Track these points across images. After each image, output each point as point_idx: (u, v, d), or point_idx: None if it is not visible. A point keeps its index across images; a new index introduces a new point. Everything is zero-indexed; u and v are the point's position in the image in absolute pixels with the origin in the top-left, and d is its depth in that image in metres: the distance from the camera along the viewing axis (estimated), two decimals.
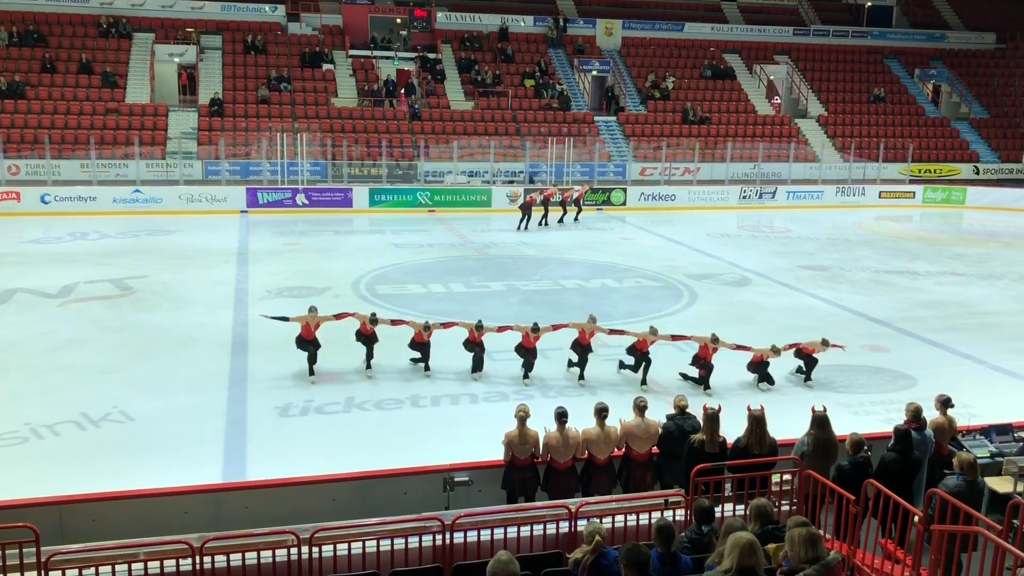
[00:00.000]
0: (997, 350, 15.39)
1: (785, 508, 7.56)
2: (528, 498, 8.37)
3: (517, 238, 25.55)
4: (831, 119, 37.86)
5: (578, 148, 32.82)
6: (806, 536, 5.01)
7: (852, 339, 15.90)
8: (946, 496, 6.45)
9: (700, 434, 8.24)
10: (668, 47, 39.64)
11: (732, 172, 33.43)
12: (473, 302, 18.00)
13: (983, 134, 38.49)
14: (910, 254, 24.47)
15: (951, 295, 19.61)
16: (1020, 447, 9.34)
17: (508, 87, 35.56)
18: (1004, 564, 5.80)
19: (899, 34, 42.72)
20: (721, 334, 13.46)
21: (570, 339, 13.70)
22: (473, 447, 10.30)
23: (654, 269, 21.45)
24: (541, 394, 12.64)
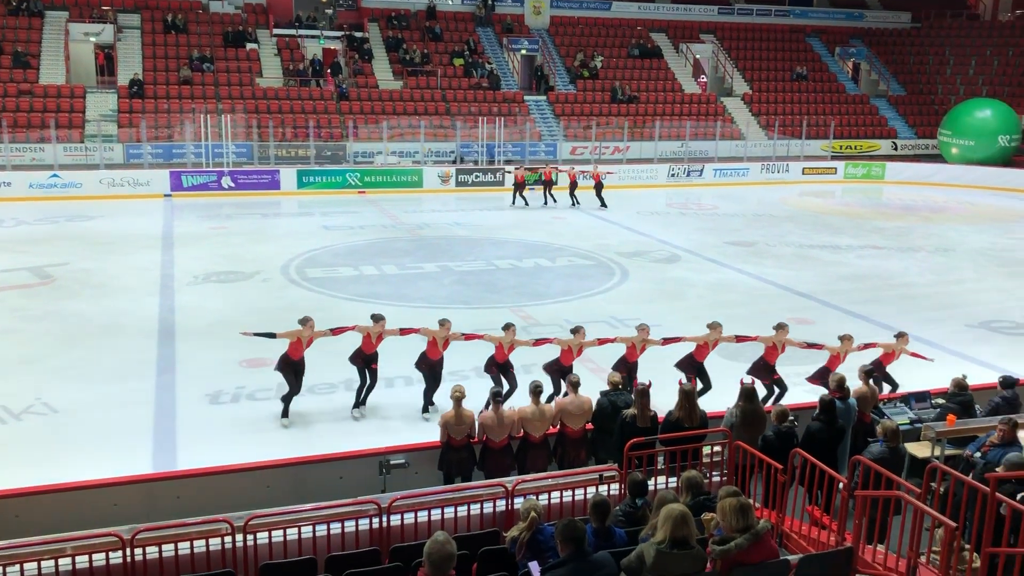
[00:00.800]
0: (915, 320, 15.94)
1: (716, 479, 7.75)
2: (465, 478, 8.41)
3: (451, 219, 25.46)
4: (755, 97, 38.53)
5: (509, 127, 32.80)
6: (737, 506, 5.14)
7: (778, 313, 16.25)
8: (869, 463, 6.68)
9: (632, 409, 8.36)
10: (596, 26, 39.78)
11: (661, 151, 33.81)
12: (406, 284, 17.92)
13: (900, 111, 39.64)
14: (833, 229, 25.13)
15: (872, 268, 20.22)
16: (937, 413, 9.72)
17: (437, 66, 35.28)
18: (923, 525, 6.05)
19: (820, 13, 43.61)
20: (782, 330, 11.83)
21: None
22: (409, 429, 10.31)
23: (586, 248, 21.63)
24: (477, 375, 12.65)
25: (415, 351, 11.45)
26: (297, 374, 11.05)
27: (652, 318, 15.56)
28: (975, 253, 22.09)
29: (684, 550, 4.89)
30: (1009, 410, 9.34)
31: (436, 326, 11.25)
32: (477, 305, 16.55)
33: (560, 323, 15.29)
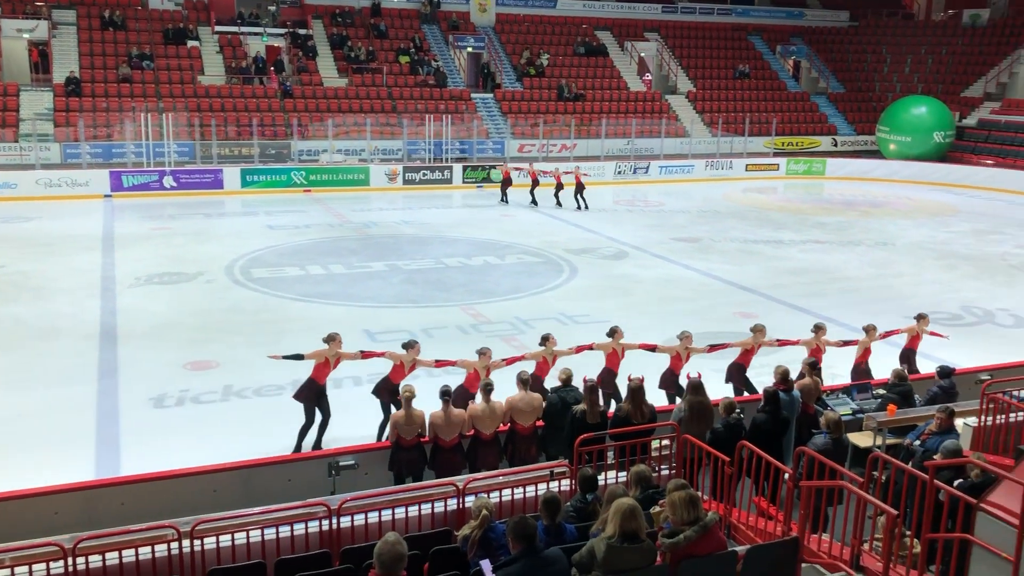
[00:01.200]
0: (856, 313, 16.28)
1: (665, 473, 7.84)
2: (416, 478, 8.37)
3: (399, 217, 25.32)
4: (699, 95, 39.00)
5: (456, 125, 32.72)
6: (686, 498, 5.20)
7: (723, 307, 16.55)
8: (814, 454, 6.81)
9: (582, 405, 8.41)
10: (542, 24, 39.89)
11: (607, 148, 34.03)
12: (354, 283, 17.79)
13: (840, 108, 40.46)
14: (775, 224, 25.57)
15: (814, 262, 20.62)
16: (878, 403, 9.95)
17: (382, 64, 35.05)
18: (866, 514, 6.19)
19: (761, 11, 44.30)
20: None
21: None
22: (359, 430, 10.23)
23: (535, 245, 21.69)
24: (426, 374, 12.60)
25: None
26: (321, 402, 10.01)
27: (601, 314, 15.74)
28: (913, 247, 22.66)
29: (634, 544, 4.93)
30: (946, 399, 9.61)
31: (473, 355, 10.20)
32: (426, 304, 16.50)
33: (510, 320, 15.34)
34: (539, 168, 28.46)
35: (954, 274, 19.67)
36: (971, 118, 37.45)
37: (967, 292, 17.91)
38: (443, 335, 14.54)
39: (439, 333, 14.63)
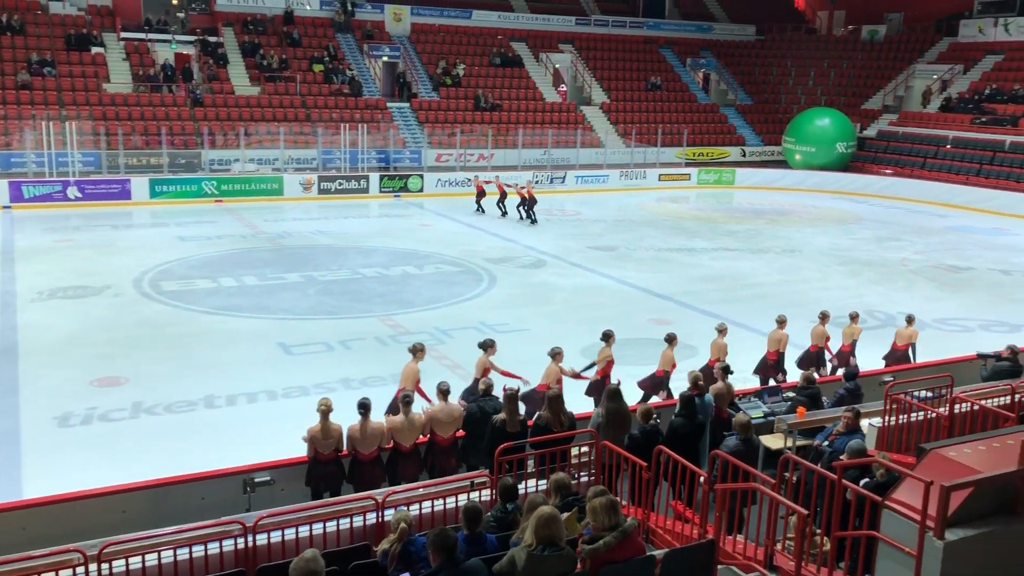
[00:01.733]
0: (766, 318, 16.70)
1: (584, 479, 7.90)
2: (333, 493, 8.25)
3: (314, 227, 24.96)
4: (613, 106, 39.61)
5: (372, 134, 32.47)
6: (606, 504, 5.25)
7: (639, 314, 16.82)
8: (726, 456, 6.97)
9: (502, 415, 8.42)
10: (457, 34, 39.95)
11: (524, 158, 34.26)
12: (268, 295, 17.45)
13: (748, 119, 41.63)
14: (688, 232, 26.13)
15: (725, 269, 21.13)
16: (788, 406, 10.24)
17: (296, 72, 34.55)
18: (779, 514, 6.36)
19: (671, 25, 45.28)
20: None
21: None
22: (274, 445, 10.01)
23: (454, 254, 21.67)
24: (344, 386, 12.46)
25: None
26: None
27: (520, 323, 15.83)
28: (818, 253, 23.43)
29: (554, 551, 4.95)
30: (852, 400, 9.96)
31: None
32: (343, 315, 16.29)
33: (430, 330, 15.27)
34: (504, 181, 28.49)
35: (858, 279, 20.40)
36: (871, 129, 39.01)
37: (870, 297, 18.59)
38: (361, 347, 14.39)
39: (357, 345, 14.48)
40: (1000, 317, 17.08)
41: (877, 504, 5.52)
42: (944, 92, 38.53)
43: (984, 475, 5.22)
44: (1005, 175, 32.21)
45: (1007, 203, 30.34)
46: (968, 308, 17.95)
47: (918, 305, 16.98)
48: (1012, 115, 34.44)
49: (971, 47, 39.89)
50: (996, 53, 38.67)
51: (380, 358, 13.81)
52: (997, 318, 17.01)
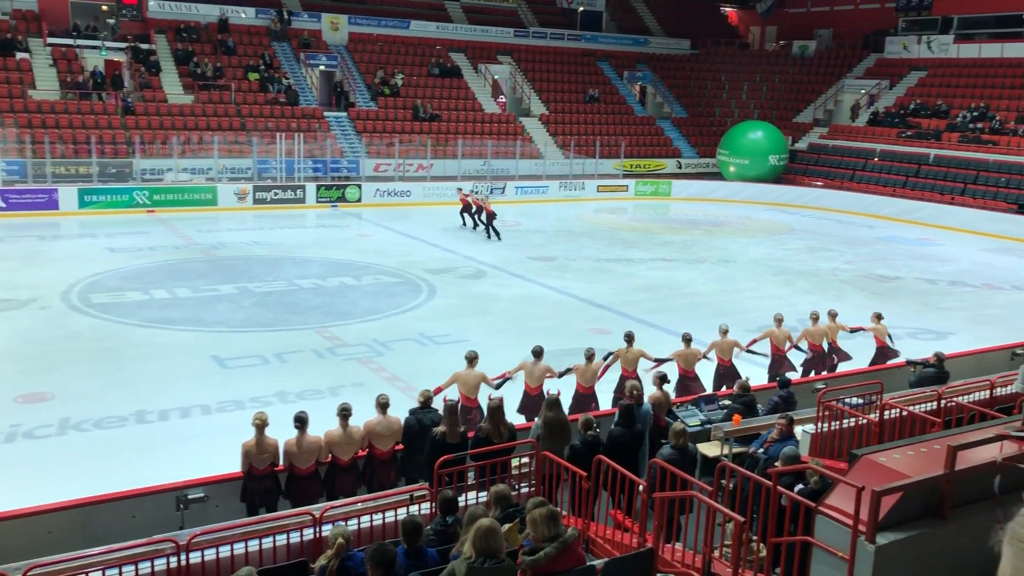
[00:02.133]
0: (702, 327, 16.95)
1: (525, 490, 7.89)
2: (269, 508, 8.10)
3: (249, 238, 24.56)
4: (552, 118, 39.89)
5: (309, 144, 32.13)
6: (546, 515, 5.25)
7: (579, 324, 16.92)
8: (663, 464, 7.03)
9: (441, 426, 8.38)
10: (395, 44, 39.82)
11: (464, 168, 34.25)
12: (201, 307, 17.10)
13: (683, 132, 42.30)
14: (626, 243, 26.40)
15: (662, 279, 21.39)
16: (724, 414, 10.40)
17: (231, 80, 34.02)
18: (716, 521, 6.43)
19: (608, 38, 45.83)
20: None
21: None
22: (208, 461, 9.80)
23: (392, 265, 21.52)
24: (280, 400, 12.26)
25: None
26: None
27: (460, 334, 15.78)
28: (752, 263, 23.87)
29: (494, 563, 4.93)
30: (786, 408, 10.15)
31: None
32: (279, 327, 16.04)
33: (368, 342, 15.14)
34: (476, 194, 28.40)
35: (790, 289, 20.83)
36: (802, 142, 39.97)
37: (803, 306, 18.95)
38: (297, 359, 14.19)
39: (293, 357, 14.28)
40: (926, 325, 17.61)
41: (811, 510, 5.62)
42: (872, 106, 39.70)
43: (912, 479, 5.36)
44: (930, 187, 33.29)
45: (932, 214, 31.35)
46: (896, 316, 18.43)
47: (849, 313, 17.37)
48: (936, 129, 35.64)
49: (897, 63, 41.21)
50: (920, 69, 40.01)
51: (317, 371, 13.64)
52: (923, 326, 17.53)
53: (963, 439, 5.79)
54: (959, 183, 32.69)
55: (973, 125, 34.77)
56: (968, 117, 35.34)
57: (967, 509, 5.50)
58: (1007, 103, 35.28)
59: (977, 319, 18.28)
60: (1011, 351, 13.74)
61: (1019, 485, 5.14)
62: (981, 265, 24.48)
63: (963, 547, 5.45)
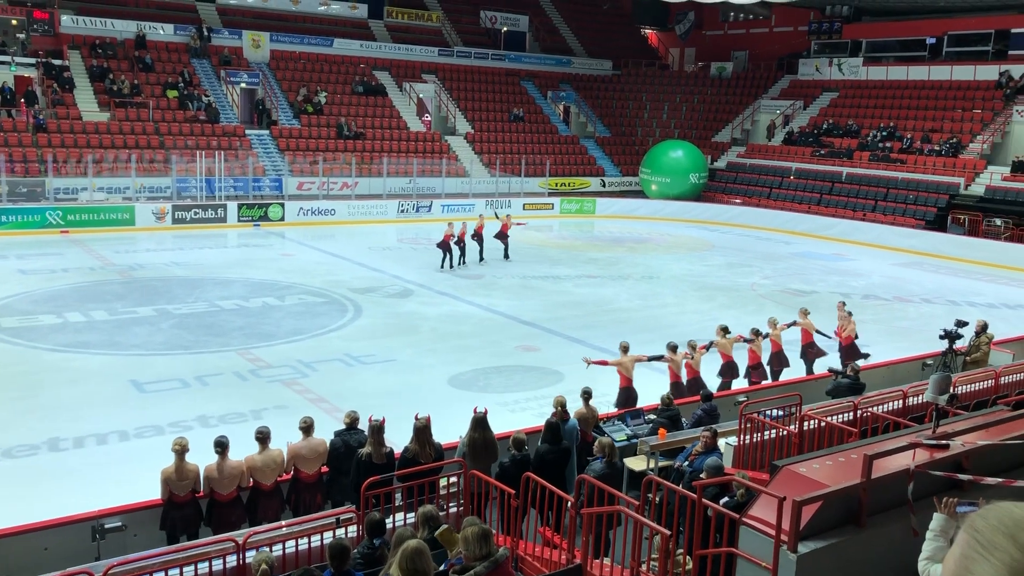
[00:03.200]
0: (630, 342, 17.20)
1: (453, 510, 7.85)
2: (191, 536, 7.87)
3: (168, 258, 23.95)
4: (478, 136, 40.04)
5: (230, 162, 31.57)
6: (478, 533, 5.23)
7: (507, 341, 16.96)
8: (591, 480, 7.08)
9: (367, 448, 8.28)
10: (319, 62, 39.49)
11: (389, 187, 34.10)
12: (119, 330, 16.58)
13: (607, 151, 42.92)
14: (552, 260, 26.59)
15: (588, 295, 21.60)
16: (650, 428, 10.53)
17: (149, 98, 33.24)
18: (643, 535, 6.49)
19: (532, 58, 46.30)
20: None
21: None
22: (126, 488, 9.49)
23: (317, 284, 21.24)
24: (201, 424, 11.96)
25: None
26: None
27: (386, 353, 15.66)
28: (675, 279, 24.30)
29: None
30: (710, 421, 10.33)
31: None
32: (200, 350, 15.66)
33: (292, 364, 14.89)
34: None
35: (712, 304, 21.26)
36: (721, 161, 40.96)
37: (723, 320, 19.35)
38: (219, 382, 13.87)
39: (215, 380, 13.95)
40: None
41: (735, 521, 5.72)
42: (787, 126, 40.93)
43: (831, 489, 5.50)
44: (843, 204, 34.43)
45: (845, 230, 32.43)
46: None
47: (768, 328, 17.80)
48: (848, 148, 36.92)
49: (810, 84, 42.62)
50: (832, 90, 41.45)
51: (239, 393, 13.36)
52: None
53: (878, 448, 5.98)
54: (870, 200, 33.90)
55: (882, 144, 36.14)
56: (878, 136, 36.73)
57: (883, 516, 5.67)
58: (913, 123, 36.80)
59: (889, 331, 18.94)
60: (922, 362, 14.25)
61: (931, 491, 5.33)
62: (892, 279, 25.39)
63: (880, 554, 5.62)
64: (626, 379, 12.45)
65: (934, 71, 38.54)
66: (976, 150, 33.57)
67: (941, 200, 32.05)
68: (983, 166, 32.72)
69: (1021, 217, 29.51)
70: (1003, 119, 34.11)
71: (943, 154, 33.87)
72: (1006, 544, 1.16)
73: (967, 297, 22.82)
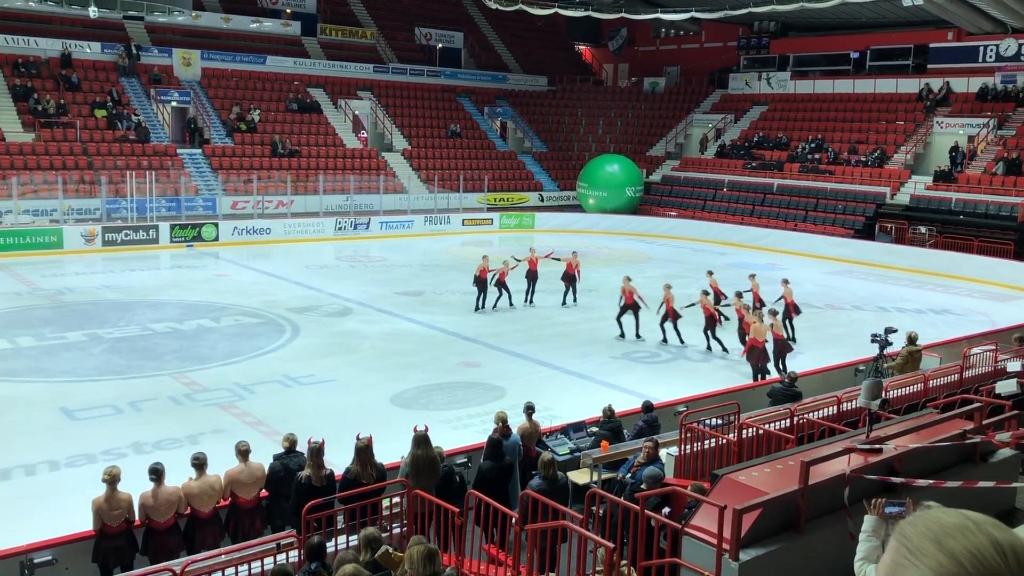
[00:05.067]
0: (569, 356, 17.31)
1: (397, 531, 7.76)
2: (125, 568, 7.63)
3: (98, 281, 23.32)
4: (415, 152, 39.96)
5: (161, 182, 30.94)
6: (424, 553, 5.19)
7: (449, 357, 16.89)
8: (534, 495, 7.08)
9: (306, 470, 8.15)
10: (251, 79, 39.00)
11: (326, 204, 33.77)
12: (47, 356, 16.07)
13: (544, 165, 43.21)
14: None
15: (529, 310, 21.63)
16: (592, 441, 10.58)
17: (76, 117, 32.42)
18: (587, 549, 6.50)
19: (468, 75, 46.45)
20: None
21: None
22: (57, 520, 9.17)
23: (253, 305, 20.89)
24: (135, 451, 11.64)
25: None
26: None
27: (327, 373, 15.47)
28: (614, 292, 24.38)
29: None
30: (651, 432, 10.42)
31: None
32: (133, 375, 15.26)
33: (228, 386, 14.61)
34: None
35: (650, 316, 21.44)
36: (656, 174, 41.54)
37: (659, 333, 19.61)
38: (153, 407, 13.53)
39: (148, 406, 13.60)
40: None
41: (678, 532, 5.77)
42: (719, 139, 41.73)
43: (770, 496, 5.59)
44: (775, 215, 35.19)
45: (778, 240, 33.13)
46: None
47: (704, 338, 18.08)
48: (778, 160, 37.78)
49: (740, 98, 43.55)
50: (761, 104, 42.41)
51: (175, 418, 13.04)
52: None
53: (815, 454, 6.10)
54: (801, 210, 34.71)
55: (811, 156, 37.07)
56: (806, 148, 37.67)
57: (821, 521, 5.78)
58: (839, 135, 37.85)
59: (823, 338, 19.37)
60: (855, 367, 14.60)
61: (867, 495, 5.45)
62: (824, 287, 25.99)
63: (819, 558, 5.72)
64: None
65: (858, 84, 39.74)
66: (900, 160, 34.65)
67: (869, 209, 32.98)
68: (907, 176, 33.78)
69: (945, 225, 30.51)
70: (925, 130, 35.29)
71: (869, 164, 34.88)
72: (933, 550, 1.18)
73: (895, 303, 23.48)
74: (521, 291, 22.15)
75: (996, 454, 7.25)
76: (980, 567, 1.15)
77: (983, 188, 30.65)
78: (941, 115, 35.17)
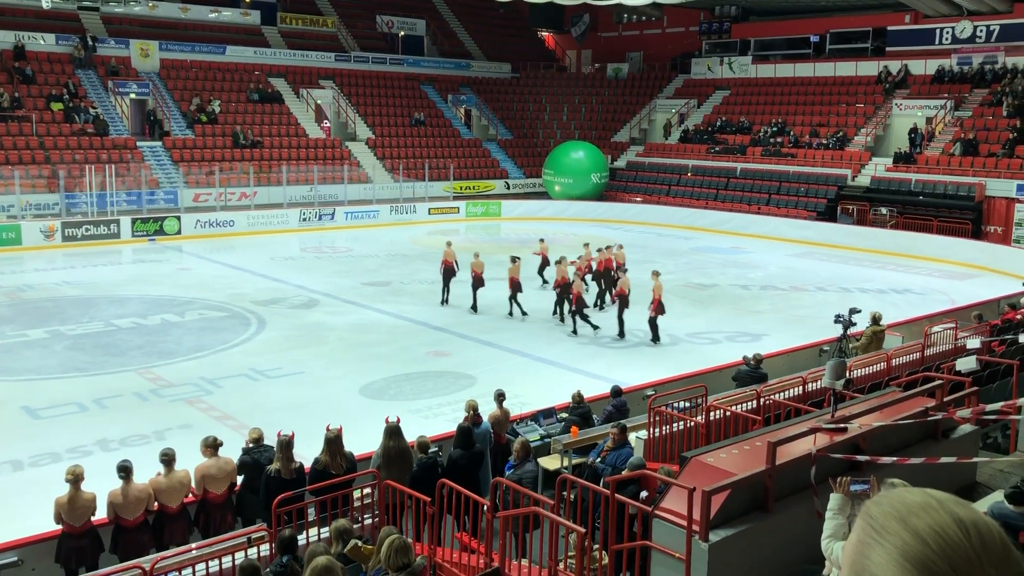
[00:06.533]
0: (540, 342, 17.36)
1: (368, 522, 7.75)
2: (90, 567, 7.54)
3: (59, 277, 22.94)
4: (379, 141, 39.69)
5: (121, 176, 30.44)
6: (396, 544, 5.19)
7: (417, 347, 16.86)
8: (508, 483, 7.10)
9: (275, 464, 8.11)
10: (211, 70, 38.46)
11: (290, 195, 33.47)
12: (8, 355, 15.79)
13: (510, 153, 43.15)
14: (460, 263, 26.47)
15: (498, 298, 21.60)
16: (562, 426, 10.63)
17: (31, 111, 31.77)
18: (560, 534, 6.55)
19: (431, 62, 46.19)
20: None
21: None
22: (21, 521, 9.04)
23: (218, 299, 20.67)
24: (101, 448, 11.49)
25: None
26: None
27: (293, 366, 15.37)
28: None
29: None
30: (619, 416, 10.49)
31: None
32: (97, 371, 15.05)
33: (195, 381, 14.47)
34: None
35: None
36: (621, 160, 41.66)
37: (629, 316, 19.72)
38: (119, 404, 13.36)
39: (114, 402, 13.43)
40: (743, 328, 18.69)
41: (648, 515, 5.82)
42: (682, 124, 41.93)
43: (739, 477, 5.65)
44: (739, 199, 35.48)
45: (742, 224, 33.41)
46: (715, 322, 19.51)
47: (673, 322, 18.23)
48: (741, 144, 38.07)
49: (702, 83, 43.76)
50: (724, 89, 42.66)
51: (141, 415, 12.90)
52: (740, 329, 18.60)
53: (781, 434, 6.18)
54: (764, 194, 35.03)
55: (773, 139, 37.38)
56: (768, 132, 37.98)
57: (788, 500, 5.86)
58: (801, 118, 38.20)
59: (787, 320, 19.60)
60: (819, 348, 14.80)
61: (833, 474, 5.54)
62: (788, 269, 26.29)
63: (787, 537, 5.81)
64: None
65: (819, 68, 40.11)
66: (861, 143, 35.06)
67: (831, 191, 33.36)
68: (868, 158, 34.20)
69: (905, 205, 30.96)
70: (884, 112, 35.73)
71: (830, 147, 35.26)
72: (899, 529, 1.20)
73: (858, 284, 23.80)
74: (591, 294, 20.68)
75: (957, 430, 7.40)
76: (944, 544, 1.18)
77: (941, 169, 31.13)
78: (900, 97, 35.63)
